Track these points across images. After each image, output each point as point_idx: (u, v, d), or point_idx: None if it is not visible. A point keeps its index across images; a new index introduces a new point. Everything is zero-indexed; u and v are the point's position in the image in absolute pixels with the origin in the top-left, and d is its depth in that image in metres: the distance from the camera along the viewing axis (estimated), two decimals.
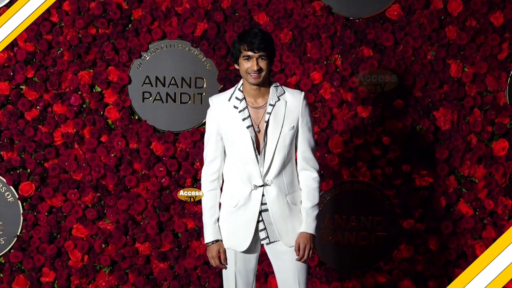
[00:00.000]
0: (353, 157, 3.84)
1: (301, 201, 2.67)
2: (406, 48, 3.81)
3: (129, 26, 3.85)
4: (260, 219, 2.64)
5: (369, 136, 3.82)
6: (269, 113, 2.60)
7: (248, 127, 2.60)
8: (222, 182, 2.72)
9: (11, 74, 3.81)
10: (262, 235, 2.66)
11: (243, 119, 2.60)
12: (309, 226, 2.64)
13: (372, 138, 3.82)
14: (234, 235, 2.66)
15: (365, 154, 3.83)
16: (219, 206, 2.71)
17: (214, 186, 2.68)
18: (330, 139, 3.83)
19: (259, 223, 2.64)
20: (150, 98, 3.87)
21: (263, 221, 2.64)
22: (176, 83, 3.87)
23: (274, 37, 3.69)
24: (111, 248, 3.84)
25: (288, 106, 2.62)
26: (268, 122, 2.60)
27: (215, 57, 3.84)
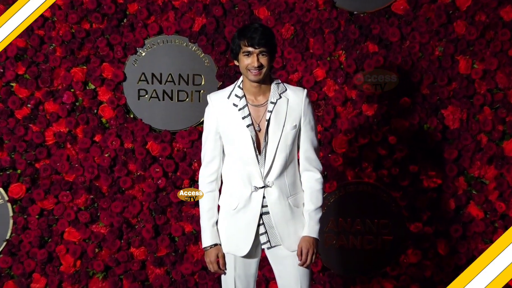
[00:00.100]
0: (358, 157, 3.83)
1: (303, 203, 2.67)
2: (413, 43, 3.81)
3: (124, 21, 3.85)
4: (261, 222, 2.63)
5: (374, 136, 3.81)
6: (270, 111, 2.60)
7: (248, 126, 2.59)
8: (221, 184, 2.71)
9: (1, 70, 3.81)
10: (263, 239, 2.65)
11: (243, 118, 2.60)
12: (312, 230, 2.63)
13: (378, 137, 3.81)
14: (233, 239, 2.65)
15: (371, 154, 3.83)
16: (218, 208, 2.70)
17: (213, 188, 2.68)
18: (334, 139, 3.83)
19: (260, 227, 2.63)
20: (146, 96, 3.87)
21: (264, 225, 2.64)
22: (173, 80, 3.87)
23: (275, 32, 3.70)
24: (105, 252, 3.84)
25: (290, 104, 2.62)
26: (269, 121, 2.60)
27: (214, 53, 3.83)
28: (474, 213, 3.82)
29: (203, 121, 2.74)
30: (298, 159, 2.69)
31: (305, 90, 2.67)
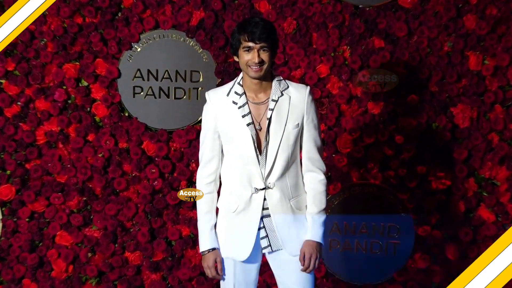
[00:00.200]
0: (363, 158, 3.84)
1: (306, 206, 2.67)
2: (421, 38, 3.81)
3: (119, 15, 3.84)
4: (262, 225, 2.63)
5: (380, 135, 3.82)
6: (271, 110, 2.60)
7: (248, 125, 2.59)
8: (220, 185, 2.71)
9: None
10: (263, 243, 2.65)
11: (243, 116, 2.60)
12: (315, 234, 2.63)
13: (384, 137, 3.82)
14: (233, 243, 2.66)
15: (377, 154, 3.83)
16: (216, 211, 2.71)
17: (211, 189, 2.68)
18: (338, 138, 3.84)
19: (261, 230, 2.64)
20: (142, 93, 3.87)
21: (264, 228, 2.64)
22: (170, 76, 3.87)
23: (277, 27, 3.70)
24: (98, 257, 3.84)
25: (292, 102, 2.62)
26: (270, 119, 2.60)
27: (213, 48, 3.83)
28: (485, 216, 3.82)
29: (201, 119, 2.74)
30: (301, 160, 2.69)
31: (308, 87, 2.67)
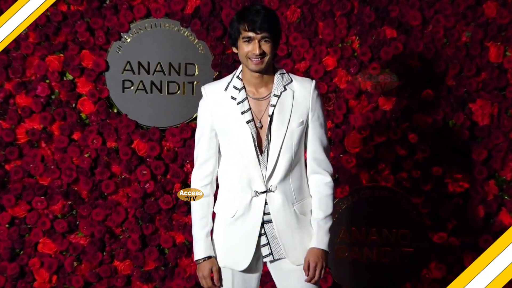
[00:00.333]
0: (373, 158, 3.84)
1: (311, 210, 2.66)
2: (437, 28, 3.81)
3: (107, 2, 3.84)
4: (263, 232, 2.62)
5: (392, 133, 3.82)
6: (273, 106, 2.59)
7: (248, 122, 2.58)
8: (216, 188, 2.70)
9: None
10: (264, 251, 2.64)
11: (242, 113, 2.59)
12: (321, 241, 2.62)
13: (397, 135, 3.81)
14: (231, 252, 2.65)
15: (388, 154, 3.83)
16: (213, 216, 2.69)
17: (207, 193, 2.67)
18: (346, 137, 3.83)
19: (261, 237, 2.62)
20: (132, 88, 3.86)
21: (265, 235, 2.63)
22: (163, 70, 3.86)
23: (280, 15, 3.69)
24: (85, 266, 3.84)
25: (296, 97, 2.61)
26: (272, 116, 2.58)
27: (209, 39, 3.83)
28: (506, 222, 3.82)
29: (196, 116, 2.74)
30: (305, 160, 2.68)
31: (314, 81, 2.66)
